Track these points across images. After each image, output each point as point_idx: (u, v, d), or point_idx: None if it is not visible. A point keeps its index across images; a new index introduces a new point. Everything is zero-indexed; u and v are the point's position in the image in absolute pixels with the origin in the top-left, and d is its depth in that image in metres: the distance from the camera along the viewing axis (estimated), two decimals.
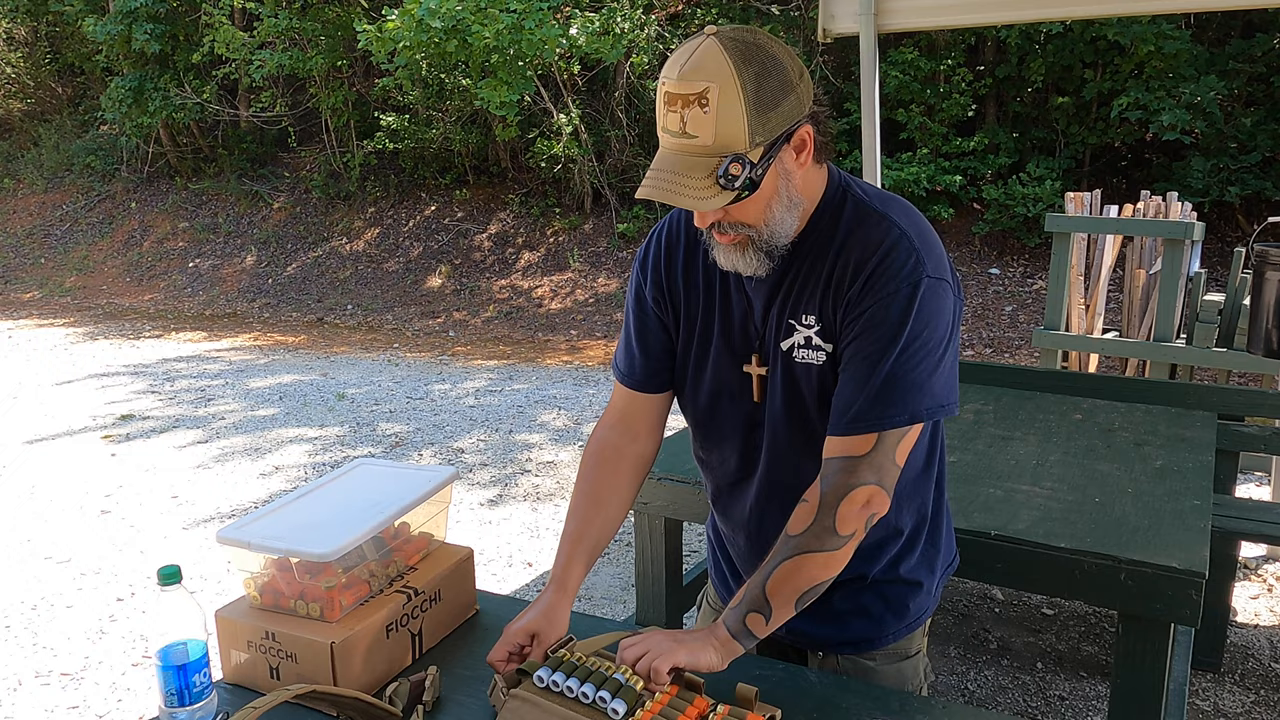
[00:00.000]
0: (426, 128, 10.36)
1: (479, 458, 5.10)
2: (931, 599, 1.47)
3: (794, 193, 1.21)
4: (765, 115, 1.13)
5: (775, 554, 1.24)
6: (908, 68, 8.65)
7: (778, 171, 1.18)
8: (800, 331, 1.28)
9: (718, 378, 1.38)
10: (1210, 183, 7.79)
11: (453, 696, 1.34)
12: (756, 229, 1.21)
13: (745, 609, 1.24)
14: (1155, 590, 1.73)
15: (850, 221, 1.25)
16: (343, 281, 10.17)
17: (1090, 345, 4.82)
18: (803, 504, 1.24)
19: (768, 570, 1.23)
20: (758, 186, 1.16)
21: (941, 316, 1.22)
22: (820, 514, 1.21)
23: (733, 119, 1.11)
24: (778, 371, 1.31)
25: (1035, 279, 8.17)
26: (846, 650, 1.45)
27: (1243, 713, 2.70)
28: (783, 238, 1.23)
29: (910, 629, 1.45)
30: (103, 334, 8.94)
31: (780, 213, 1.21)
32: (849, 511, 1.21)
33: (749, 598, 1.24)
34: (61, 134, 13.33)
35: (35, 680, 3.03)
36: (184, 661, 1.27)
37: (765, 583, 1.23)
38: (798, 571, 1.22)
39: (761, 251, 1.23)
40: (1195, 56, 7.93)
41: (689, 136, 1.13)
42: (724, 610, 1.27)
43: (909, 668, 1.46)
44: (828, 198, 1.27)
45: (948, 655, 3.04)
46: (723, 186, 1.13)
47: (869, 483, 1.21)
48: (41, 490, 4.76)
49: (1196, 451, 2.43)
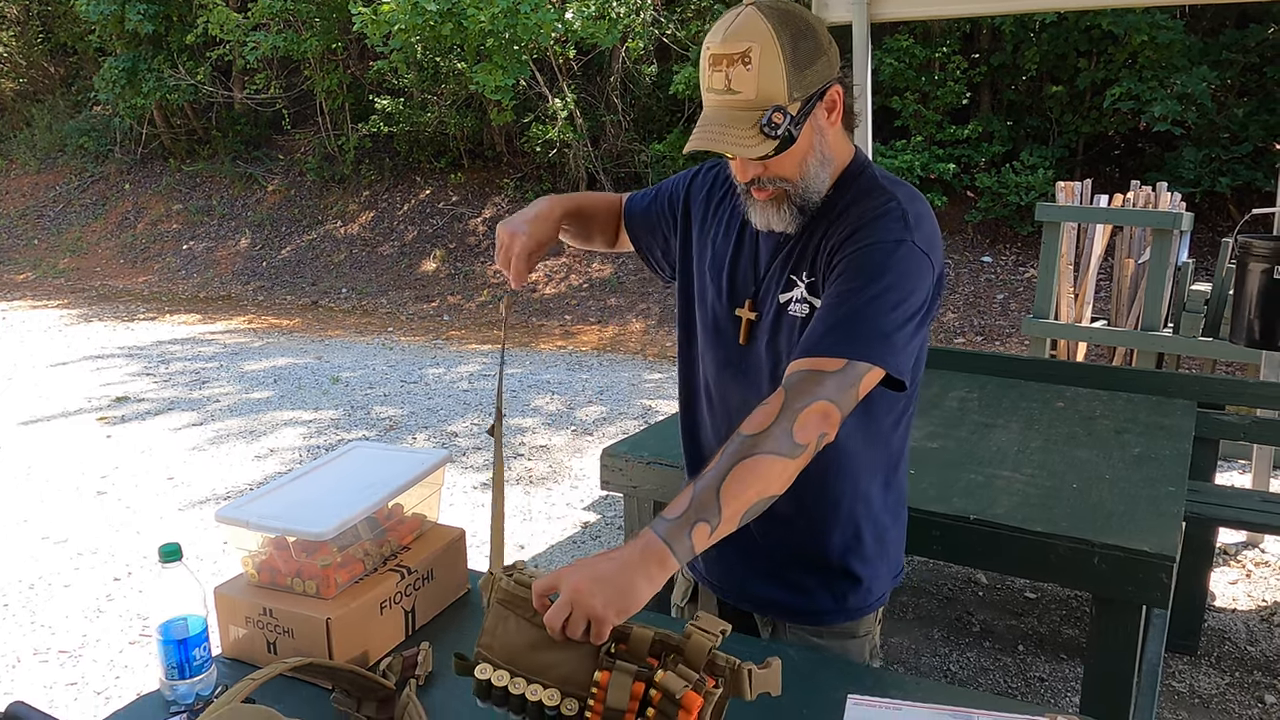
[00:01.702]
0: (421, 111, 10.34)
1: (472, 441, 5.14)
2: (874, 598, 1.50)
3: (827, 149, 1.32)
4: (802, 72, 1.24)
5: (727, 455, 1.14)
6: (903, 55, 8.66)
7: (813, 127, 1.29)
8: (798, 287, 1.37)
9: (715, 314, 1.47)
10: (1202, 173, 7.83)
11: (444, 672, 1.39)
12: (793, 183, 1.31)
13: (693, 517, 1.10)
14: (1127, 573, 1.79)
15: (857, 191, 1.35)
16: (337, 265, 10.18)
17: (1078, 334, 4.88)
18: (762, 405, 1.19)
19: (720, 471, 1.12)
20: (794, 140, 1.26)
21: (918, 284, 1.27)
22: (781, 417, 1.16)
23: (773, 74, 1.22)
24: (767, 319, 1.40)
25: (1027, 267, 8.22)
26: (785, 618, 1.51)
27: (1217, 695, 2.77)
28: (815, 194, 1.33)
29: (849, 618, 1.49)
30: (97, 316, 8.95)
31: (815, 168, 1.31)
32: (808, 419, 1.16)
33: (697, 504, 1.10)
34: (54, 114, 13.27)
35: (34, 658, 3.07)
36: (184, 636, 1.31)
37: (720, 484, 1.11)
38: (754, 473, 1.13)
39: (795, 206, 1.33)
40: (1189, 47, 7.95)
41: (733, 93, 1.24)
42: (656, 519, 1.12)
43: (854, 647, 1.50)
44: (850, 170, 1.37)
45: (931, 638, 3.10)
46: (766, 135, 1.23)
47: (831, 398, 1.18)
48: (38, 471, 4.80)
49: (1175, 440, 2.49)
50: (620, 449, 2.43)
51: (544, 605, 1.10)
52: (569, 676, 1.08)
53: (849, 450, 1.40)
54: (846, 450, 1.39)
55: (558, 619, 1.06)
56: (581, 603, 1.05)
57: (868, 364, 1.21)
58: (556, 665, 1.09)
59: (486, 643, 1.14)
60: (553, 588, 1.09)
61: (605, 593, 1.06)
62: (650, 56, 9.72)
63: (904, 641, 3.08)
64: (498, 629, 1.14)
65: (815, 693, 1.29)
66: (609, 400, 5.93)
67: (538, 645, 1.11)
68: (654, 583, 1.08)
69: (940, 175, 8.52)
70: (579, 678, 1.08)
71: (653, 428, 2.67)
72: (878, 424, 1.41)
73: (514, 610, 1.14)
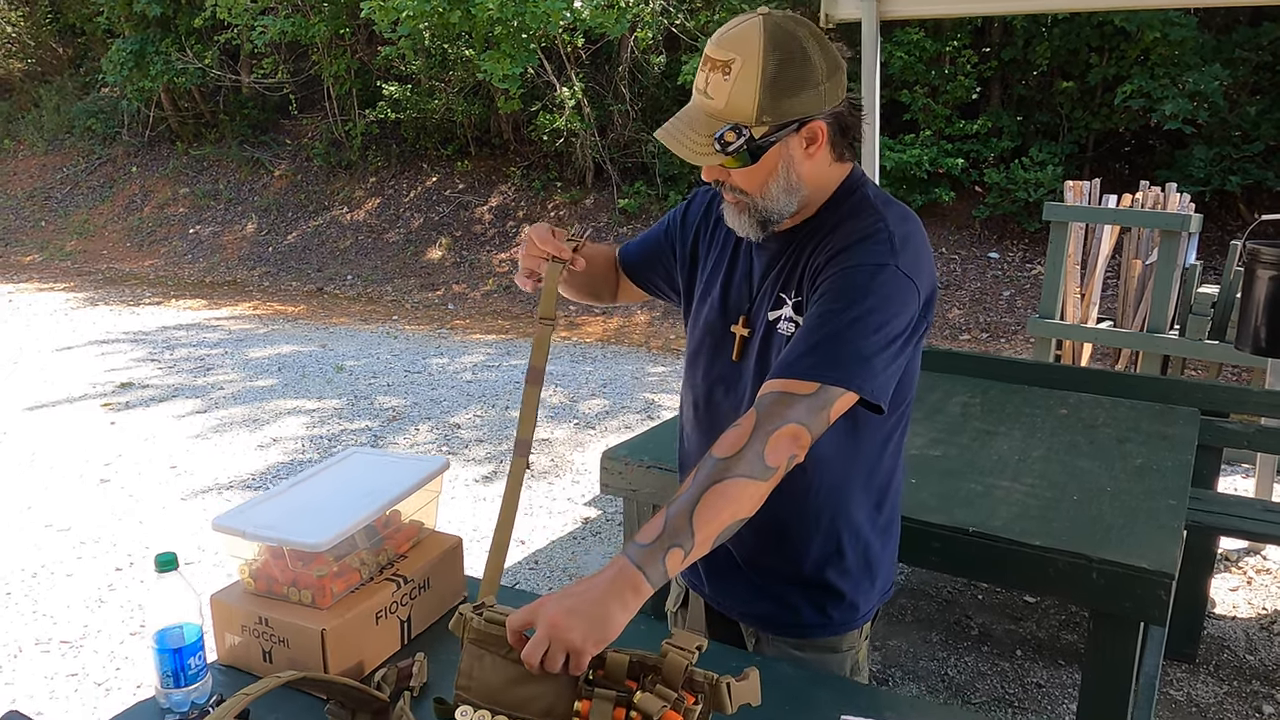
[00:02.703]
0: (429, 98, 10.31)
1: (475, 434, 5.15)
2: (858, 615, 1.49)
3: (794, 178, 1.31)
4: (778, 99, 1.23)
5: (699, 478, 1.15)
6: (913, 48, 8.61)
7: (780, 153, 1.28)
8: (787, 305, 1.37)
9: (710, 328, 1.49)
10: (1212, 171, 7.78)
11: (440, 683, 1.39)
12: (752, 198, 1.32)
13: (667, 542, 1.10)
14: (1124, 589, 1.78)
15: (847, 212, 1.34)
16: (343, 251, 10.18)
17: (1084, 335, 4.85)
18: (734, 428, 1.19)
19: (693, 495, 1.13)
20: (758, 159, 1.27)
21: (901, 308, 1.25)
22: (753, 438, 1.16)
23: (745, 92, 1.22)
24: (759, 338, 1.41)
25: (1034, 264, 8.18)
26: (768, 630, 1.51)
27: (1215, 704, 2.77)
28: (776, 214, 1.33)
29: (833, 632, 1.49)
30: (103, 300, 8.97)
31: (776, 191, 1.31)
32: (778, 443, 1.16)
33: (670, 528, 1.11)
34: (62, 95, 13.26)
35: (35, 647, 3.09)
36: (180, 645, 1.31)
37: (692, 509, 1.12)
38: (725, 496, 1.13)
39: (755, 220, 1.34)
40: (1201, 44, 7.89)
41: (707, 97, 1.26)
42: (628, 545, 1.12)
43: (834, 661, 1.49)
44: (842, 189, 1.37)
45: (929, 641, 3.10)
46: (716, 149, 1.25)
47: (801, 421, 1.18)
48: (41, 458, 4.82)
49: (1177, 450, 2.48)
50: (620, 452, 2.43)
51: (519, 640, 1.10)
52: (550, 708, 1.09)
53: (833, 469, 1.40)
54: (830, 469, 1.40)
55: (536, 654, 1.06)
56: (559, 637, 1.05)
57: (841, 388, 1.20)
58: (537, 698, 1.09)
59: (464, 684, 1.14)
60: (528, 623, 1.09)
61: (582, 625, 1.05)
62: (659, 46, 9.67)
63: (902, 644, 3.08)
64: (474, 669, 1.14)
65: (808, 713, 1.29)
66: (612, 394, 5.93)
67: (516, 681, 1.11)
68: (629, 610, 1.09)
69: (948, 170, 8.48)
70: (560, 708, 1.08)
71: (652, 431, 2.67)
72: (863, 444, 1.41)
73: (488, 648, 1.13)
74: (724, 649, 1.47)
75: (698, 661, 1.09)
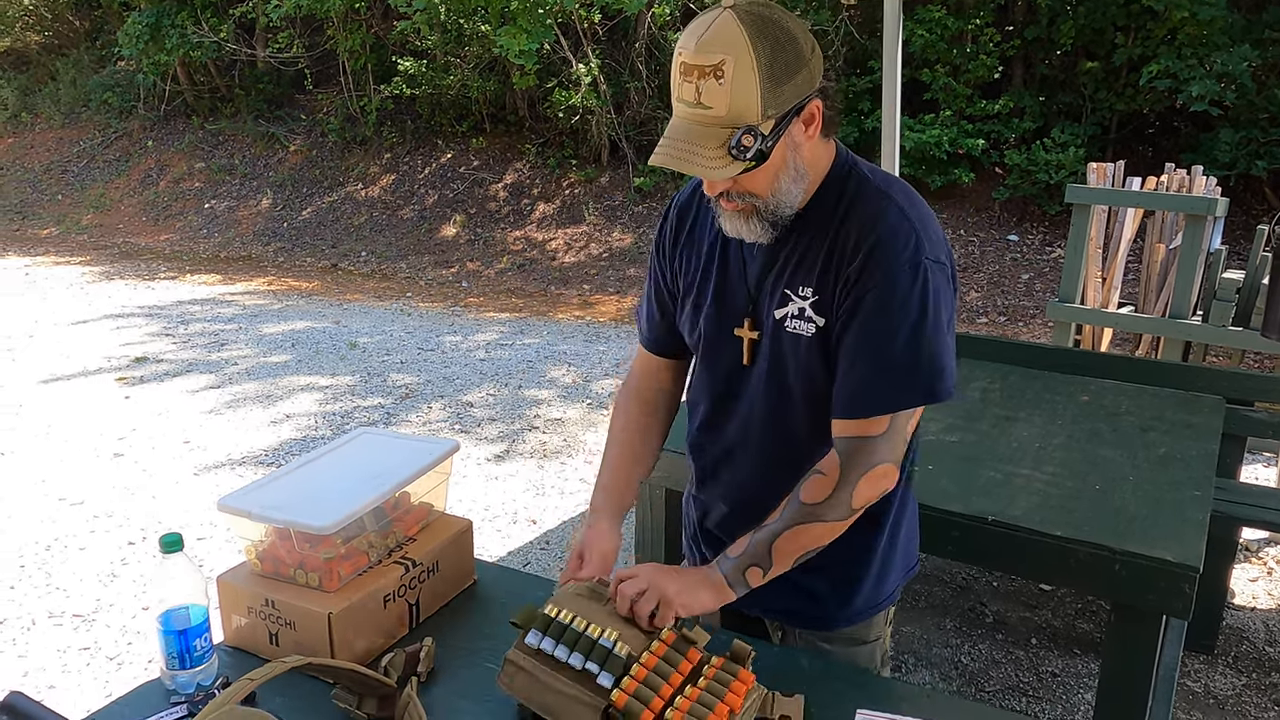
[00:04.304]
0: (444, 74, 10.24)
1: (487, 412, 5.13)
2: (884, 596, 1.48)
3: (801, 165, 1.25)
4: (778, 88, 1.16)
5: (785, 516, 1.28)
6: (934, 26, 8.47)
7: (787, 144, 1.21)
8: (795, 302, 1.31)
9: (707, 337, 1.43)
10: (1238, 155, 7.64)
11: (448, 668, 1.37)
12: (763, 199, 1.25)
13: (747, 561, 1.29)
14: (1148, 582, 1.74)
15: (851, 197, 1.29)
16: (357, 228, 10.15)
17: (1104, 319, 4.78)
18: (819, 476, 1.28)
19: (775, 529, 1.28)
20: (767, 157, 1.20)
21: (943, 297, 1.26)
22: (839, 488, 1.26)
23: (747, 91, 1.14)
24: (769, 339, 1.35)
25: (1054, 247, 8.08)
26: (794, 623, 1.50)
27: (1233, 695, 2.73)
28: (787, 208, 1.27)
29: (857, 618, 1.47)
30: (118, 274, 8.98)
31: (787, 184, 1.25)
32: (866, 489, 1.27)
33: (751, 552, 1.29)
34: (79, 69, 13.25)
35: (48, 620, 3.10)
36: (185, 626, 1.30)
37: (773, 541, 1.28)
38: (806, 535, 1.28)
39: (766, 221, 1.28)
40: (1230, 24, 7.72)
41: (703, 107, 1.16)
42: (720, 557, 1.32)
43: (863, 654, 1.49)
44: (833, 174, 1.31)
45: (943, 628, 3.07)
46: (734, 157, 1.17)
47: (887, 461, 1.27)
48: (57, 431, 4.83)
49: (1202, 439, 2.43)
50: None
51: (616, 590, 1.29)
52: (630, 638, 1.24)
53: None
54: None
55: (633, 590, 1.27)
56: (656, 583, 1.27)
57: (910, 411, 1.28)
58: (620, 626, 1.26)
59: (557, 598, 1.30)
60: (631, 576, 1.29)
61: (678, 585, 1.28)
62: (676, 22, 9.55)
63: (915, 631, 3.05)
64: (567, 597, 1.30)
65: (824, 705, 1.26)
66: (625, 373, 5.89)
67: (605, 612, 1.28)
68: (715, 601, 1.30)
69: (969, 151, 8.36)
70: (637, 642, 1.24)
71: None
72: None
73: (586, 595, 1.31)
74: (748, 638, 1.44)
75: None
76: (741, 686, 1.19)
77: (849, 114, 9.01)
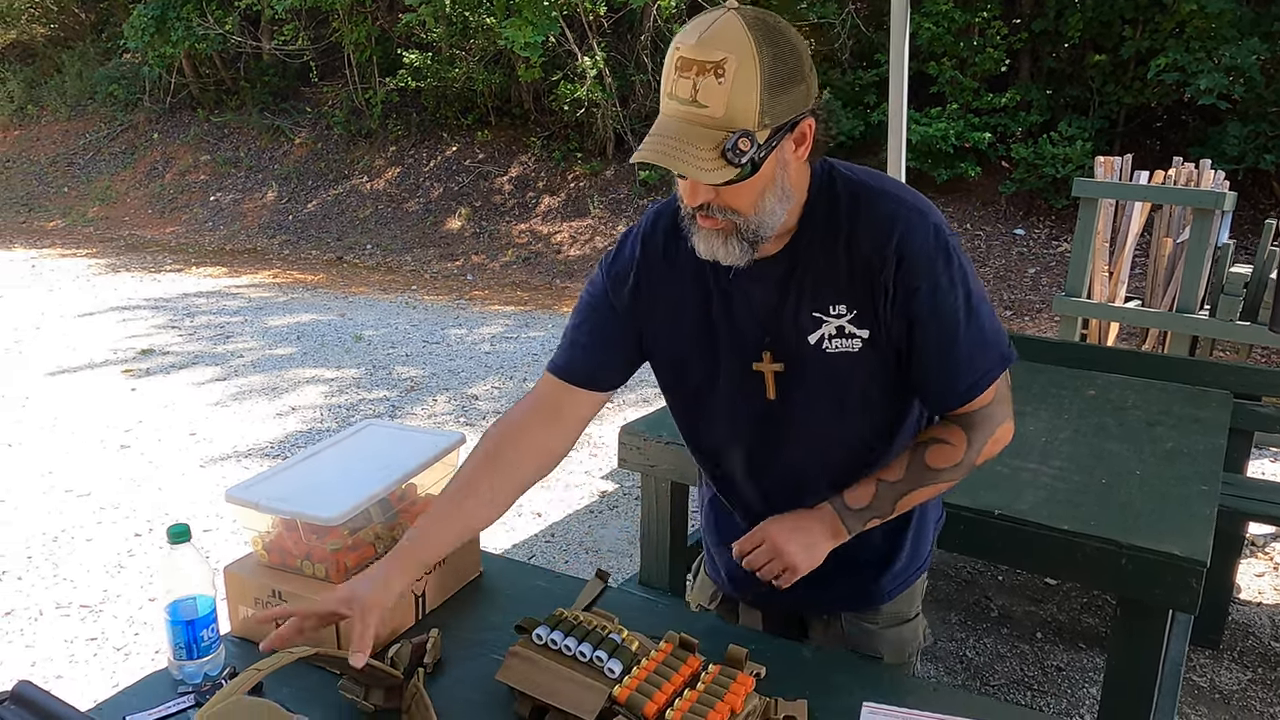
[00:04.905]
0: (449, 66, 10.23)
1: (492, 405, 5.13)
2: (923, 557, 1.51)
3: (788, 185, 1.20)
4: (777, 98, 1.11)
5: (910, 477, 1.31)
6: (941, 19, 8.44)
7: (777, 160, 1.16)
8: (830, 322, 1.27)
9: (719, 377, 1.35)
10: (1246, 149, 7.61)
11: (454, 659, 1.37)
12: (745, 217, 1.18)
13: (870, 514, 1.32)
14: (1155, 576, 1.74)
15: (849, 205, 1.25)
16: (362, 220, 10.16)
17: (1111, 314, 4.77)
18: (946, 445, 1.31)
19: (900, 489, 1.31)
20: (759, 169, 1.14)
21: (969, 266, 1.28)
22: (967, 454, 1.31)
23: (747, 94, 1.09)
24: (804, 365, 1.29)
25: (1060, 241, 8.06)
26: (839, 606, 1.48)
27: (1238, 690, 2.73)
28: (768, 229, 1.20)
29: (903, 585, 1.48)
30: (124, 266, 9.00)
31: (772, 203, 1.18)
32: (990, 449, 1.32)
33: (877, 506, 1.31)
34: (85, 61, 13.27)
35: (56, 611, 3.11)
36: (192, 617, 1.30)
37: (898, 500, 1.31)
38: (928, 493, 1.33)
39: (745, 241, 1.20)
40: (1239, 17, 7.68)
41: (699, 105, 1.10)
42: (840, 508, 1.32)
43: (908, 631, 1.51)
44: (816, 186, 1.26)
45: (948, 622, 3.07)
46: (729, 161, 1.10)
47: (1004, 420, 1.32)
48: (63, 423, 4.85)
49: (1209, 434, 2.42)
50: (638, 428, 2.40)
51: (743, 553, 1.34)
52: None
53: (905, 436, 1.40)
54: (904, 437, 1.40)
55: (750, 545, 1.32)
56: (782, 550, 1.30)
57: (1002, 370, 1.30)
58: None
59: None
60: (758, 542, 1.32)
61: (800, 547, 1.30)
62: (682, 15, 9.53)
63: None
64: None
65: (830, 699, 1.26)
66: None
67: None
68: (829, 548, 1.32)
69: (975, 144, 8.34)
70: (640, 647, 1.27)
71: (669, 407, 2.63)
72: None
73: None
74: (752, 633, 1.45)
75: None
76: (741, 688, 1.20)
77: (855, 107, 8.99)
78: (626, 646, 1.23)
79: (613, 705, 1.17)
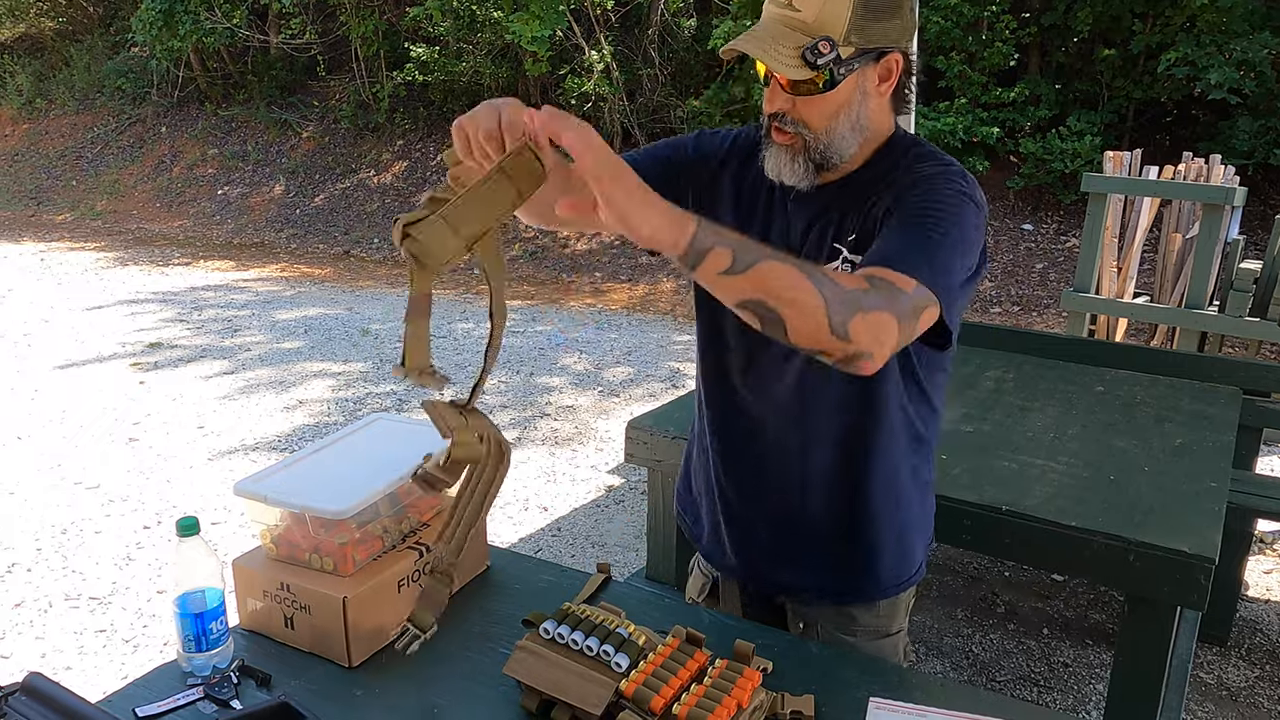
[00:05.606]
0: (457, 60, 10.22)
1: (499, 399, 5.14)
2: (906, 570, 1.46)
3: (863, 115, 1.23)
4: (868, 21, 1.16)
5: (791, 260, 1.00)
6: (950, 13, 8.40)
7: (856, 84, 1.21)
8: (844, 253, 1.28)
9: None
10: (1256, 144, 7.56)
11: (460, 652, 1.37)
12: (815, 133, 1.23)
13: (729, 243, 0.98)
14: (1163, 573, 1.74)
15: (914, 158, 1.27)
16: (370, 214, 10.17)
17: (1119, 309, 4.76)
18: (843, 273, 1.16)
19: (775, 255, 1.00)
20: (834, 86, 1.19)
21: (974, 244, 1.20)
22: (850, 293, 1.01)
23: (838, 6, 1.15)
24: None
25: (1069, 236, 8.02)
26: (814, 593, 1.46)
27: (1246, 688, 2.72)
28: (836, 154, 1.25)
29: (884, 592, 1.45)
30: (133, 259, 9.03)
31: (843, 128, 1.23)
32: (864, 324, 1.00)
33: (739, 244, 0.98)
34: (93, 55, 13.29)
35: (65, 603, 3.13)
36: (201, 609, 1.31)
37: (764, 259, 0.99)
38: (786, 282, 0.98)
39: (812, 161, 1.25)
40: (1250, 11, 7.63)
41: (793, 9, 1.17)
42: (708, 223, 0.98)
43: (888, 646, 1.47)
44: (893, 141, 1.29)
45: (955, 617, 3.07)
46: (807, 62, 1.15)
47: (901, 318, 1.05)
48: (71, 416, 4.87)
49: (1218, 430, 2.41)
50: (645, 422, 2.40)
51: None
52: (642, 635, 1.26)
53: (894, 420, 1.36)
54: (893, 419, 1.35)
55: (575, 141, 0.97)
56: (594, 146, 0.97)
57: (932, 296, 1.08)
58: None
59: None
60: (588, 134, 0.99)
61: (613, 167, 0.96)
62: (690, 9, 9.52)
63: (927, 621, 3.05)
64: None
65: (838, 692, 1.26)
66: (637, 361, 5.90)
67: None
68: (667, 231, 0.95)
69: (984, 139, 8.30)
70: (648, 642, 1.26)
71: (678, 401, 2.63)
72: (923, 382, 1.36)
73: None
74: (759, 628, 1.45)
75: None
76: (748, 683, 1.20)
77: None
78: (633, 641, 1.23)
79: (620, 699, 1.18)
